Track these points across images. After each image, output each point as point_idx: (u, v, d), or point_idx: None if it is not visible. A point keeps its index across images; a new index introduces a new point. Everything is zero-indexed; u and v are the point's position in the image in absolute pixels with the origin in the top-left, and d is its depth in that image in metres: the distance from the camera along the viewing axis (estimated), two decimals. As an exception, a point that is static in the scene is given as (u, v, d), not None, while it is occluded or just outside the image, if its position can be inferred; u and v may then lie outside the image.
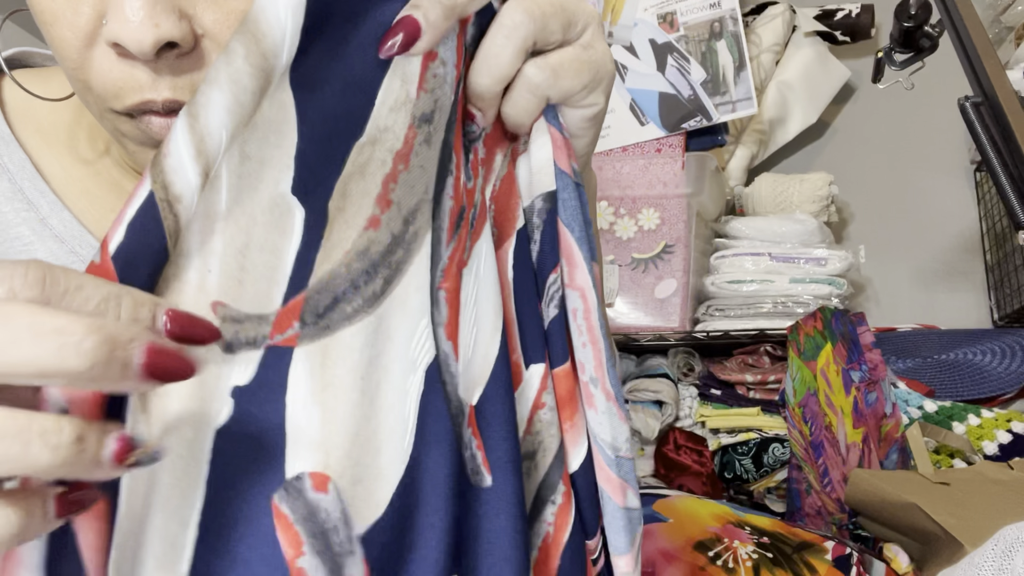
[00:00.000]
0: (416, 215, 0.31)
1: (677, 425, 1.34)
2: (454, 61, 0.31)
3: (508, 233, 0.36)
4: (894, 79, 1.05)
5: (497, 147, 0.36)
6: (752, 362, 1.35)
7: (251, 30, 0.26)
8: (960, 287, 1.49)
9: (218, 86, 0.26)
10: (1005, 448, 1.03)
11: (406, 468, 0.30)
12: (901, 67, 1.01)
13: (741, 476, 1.24)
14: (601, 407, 0.36)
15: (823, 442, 1.10)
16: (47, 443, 0.21)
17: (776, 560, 0.77)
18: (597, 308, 0.36)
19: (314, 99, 0.28)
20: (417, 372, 0.31)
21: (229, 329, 0.28)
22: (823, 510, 1.08)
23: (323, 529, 0.28)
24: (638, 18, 1.41)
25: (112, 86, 0.33)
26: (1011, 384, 1.14)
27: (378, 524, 0.30)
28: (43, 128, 0.46)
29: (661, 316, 1.34)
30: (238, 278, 0.28)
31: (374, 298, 0.30)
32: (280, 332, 0.29)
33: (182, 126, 0.26)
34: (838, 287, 1.31)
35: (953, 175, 1.56)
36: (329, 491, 0.28)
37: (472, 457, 0.33)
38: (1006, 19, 1.38)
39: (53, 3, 0.32)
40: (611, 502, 0.37)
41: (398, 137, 0.30)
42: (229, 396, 0.28)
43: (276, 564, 0.27)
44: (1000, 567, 0.54)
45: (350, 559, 0.29)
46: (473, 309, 0.34)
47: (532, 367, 0.36)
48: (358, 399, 0.30)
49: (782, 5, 1.57)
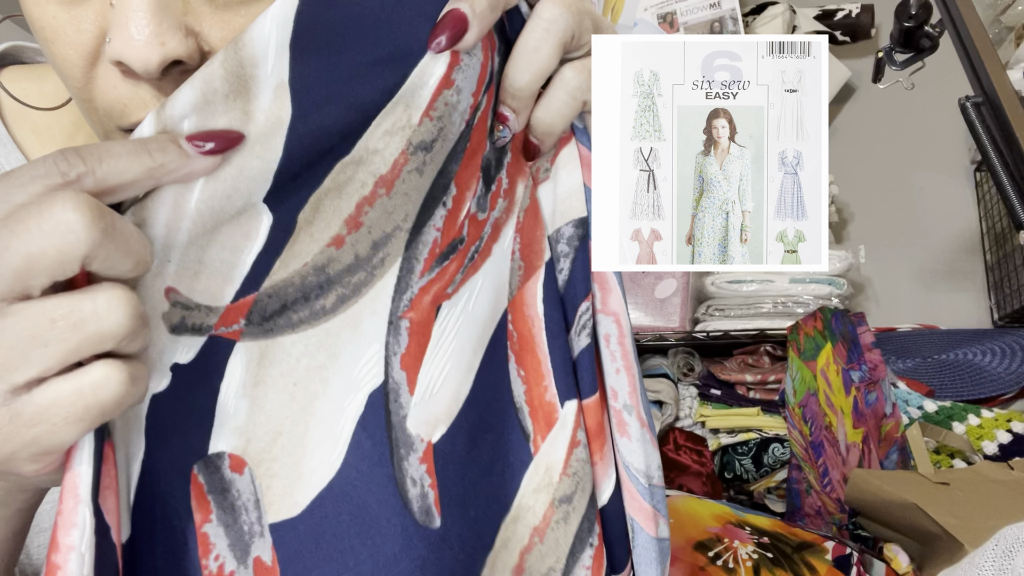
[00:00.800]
0: (388, 241, 0.31)
1: (677, 425, 1.34)
2: (472, 90, 0.31)
3: (536, 266, 0.36)
4: (894, 79, 1.05)
5: (519, 177, 0.35)
6: (752, 362, 1.35)
7: (235, 40, 0.27)
8: (960, 287, 1.49)
9: (191, 84, 0.27)
10: (1005, 448, 1.03)
11: (331, 481, 0.31)
12: (901, 67, 1.01)
13: (741, 476, 1.24)
14: (635, 435, 0.36)
15: (823, 442, 1.10)
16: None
17: (776, 560, 0.77)
18: (631, 333, 0.36)
19: (312, 117, 0.28)
20: (359, 393, 0.32)
21: (177, 314, 0.29)
22: (823, 510, 1.08)
23: (233, 505, 0.30)
24: (638, 18, 1.41)
25: (117, 104, 0.33)
26: (1011, 384, 1.14)
27: (292, 523, 0.31)
28: (39, 129, 0.45)
29: (661, 316, 1.34)
30: (195, 270, 0.29)
31: (322, 312, 0.31)
32: (225, 325, 0.30)
33: (151, 116, 0.27)
34: (838, 287, 1.31)
35: (953, 175, 1.56)
36: (244, 474, 0.30)
37: (423, 496, 0.32)
38: (1006, 19, 1.38)
39: (54, 21, 0.32)
40: (643, 533, 0.36)
41: (386, 161, 0.30)
42: (169, 370, 0.29)
43: (185, 526, 0.30)
44: (1001, 567, 0.54)
45: (259, 540, 0.30)
46: (451, 343, 0.33)
47: (567, 404, 0.35)
48: (287, 401, 0.31)
49: (782, 5, 1.57)
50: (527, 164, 0.36)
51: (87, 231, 0.23)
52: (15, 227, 0.23)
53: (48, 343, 0.23)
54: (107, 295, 0.24)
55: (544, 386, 0.35)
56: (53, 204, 0.23)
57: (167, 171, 0.26)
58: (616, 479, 0.37)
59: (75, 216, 0.23)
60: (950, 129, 1.54)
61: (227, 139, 0.27)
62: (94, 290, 0.24)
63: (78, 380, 0.24)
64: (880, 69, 1.07)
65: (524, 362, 0.36)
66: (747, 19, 1.56)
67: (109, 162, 0.24)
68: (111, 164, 0.25)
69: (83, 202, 0.23)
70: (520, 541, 0.35)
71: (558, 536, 0.35)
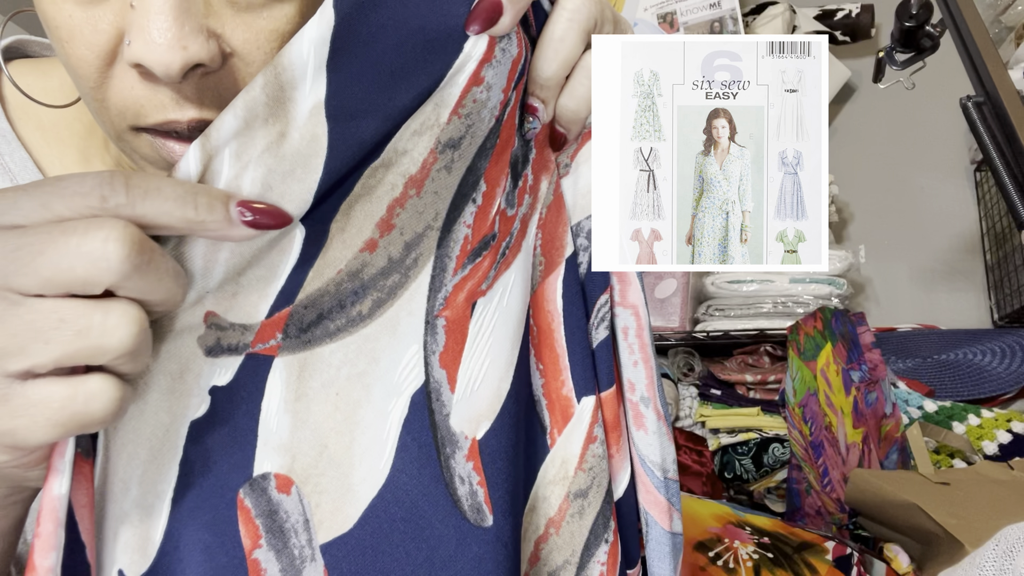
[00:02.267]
0: (420, 241, 0.31)
1: (677, 425, 1.34)
2: (502, 86, 0.31)
3: (556, 262, 0.36)
4: (895, 79, 1.05)
5: (543, 173, 0.36)
6: (752, 362, 1.35)
7: (274, 63, 0.27)
8: (960, 287, 1.49)
9: (232, 111, 0.27)
10: (1005, 448, 1.03)
11: (380, 489, 0.31)
12: (902, 67, 1.01)
13: (741, 476, 1.24)
14: (652, 427, 0.36)
15: (823, 442, 1.10)
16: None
17: (776, 560, 0.77)
18: (649, 326, 0.36)
19: (348, 129, 0.28)
20: (402, 396, 0.32)
21: (212, 335, 0.29)
22: (823, 510, 1.08)
23: (282, 527, 0.30)
24: (638, 18, 1.41)
25: (134, 104, 0.32)
26: (1011, 384, 1.14)
27: (344, 539, 0.30)
28: (44, 125, 0.45)
29: (661, 316, 1.34)
30: (232, 291, 0.29)
31: (359, 318, 0.31)
32: (262, 342, 0.30)
33: (196, 145, 0.27)
34: (838, 287, 1.31)
35: (953, 175, 1.56)
36: (291, 493, 0.30)
37: (472, 493, 0.32)
38: (1006, 19, 1.38)
39: (70, 20, 0.31)
40: (656, 527, 0.36)
41: (415, 161, 0.30)
42: (207, 393, 0.29)
43: (235, 553, 0.29)
44: (1001, 567, 0.54)
45: (311, 565, 0.30)
46: (489, 339, 0.33)
47: (584, 400, 0.35)
48: (330, 412, 0.31)
49: (782, 5, 1.57)
50: (551, 158, 0.36)
51: (120, 264, 0.23)
52: (58, 236, 0.23)
53: (49, 340, 0.23)
54: (120, 311, 0.24)
55: (561, 380, 0.35)
56: (100, 228, 0.23)
57: (205, 228, 0.26)
58: (631, 473, 0.37)
59: (113, 247, 0.23)
60: (950, 129, 1.54)
61: (276, 218, 0.27)
62: (109, 303, 0.24)
63: (73, 386, 0.24)
64: (880, 69, 1.07)
65: (542, 356, 0.36)
66: (747, 19, 1.56)
67: (153, 202, 0.25)
68: (153, 204, 0.25)
69: (127, 235, 0.23)
70: (536, 531, 0.35)
71: (573, 530, 0.35)
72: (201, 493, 0.29)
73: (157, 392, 0.28)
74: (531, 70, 0.33)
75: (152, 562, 0.28)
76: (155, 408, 0.28)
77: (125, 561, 0.28)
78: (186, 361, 0.29)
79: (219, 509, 0.29)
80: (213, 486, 0.29)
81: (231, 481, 0.29)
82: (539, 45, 0.32)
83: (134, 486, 0.28)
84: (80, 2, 0.30)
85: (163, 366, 0.28)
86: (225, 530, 0.29)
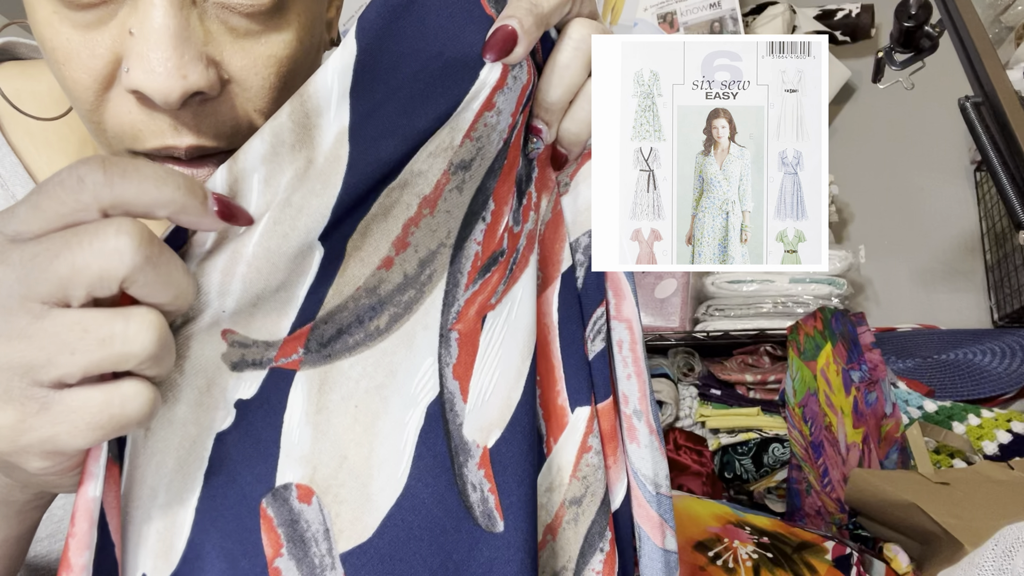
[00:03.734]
0: (434, 258, 0.33)
1: (677, 425, 1.34)
2: (511, 110, 0.32)
3: (552, 277, 0.37)
4: (894, 79, 1.05)
5: (544, 191, 0.36)
6: (752, 362, 1.35)
7: (300, 92, 0.28)
8: (960, 287, 1.49)
9: (260, 137, 0.28)
10: (1005, 448, 1.03)
11: (398, 498, 0.32)
12: (901, 67, 1.01)
13: (741, 476, 1.24)
14: (644, 441, 0.36)
15: (823, 442, 1.10)
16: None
17: (776, 560, 0.77)
18: (642, 340, 0.36)
19: (369, 151, 0.29)
20: (418, 407, 0.32)
21: (236, 352, 0.30)
22: (823, 510, 1.08)
23: (303, 537, 0.30)
24: (638, 18, 1.41)
25: (131, 129, 0.32)
26: (1011, 384, 1.14)
27: (363, 548, 0.31)
28: (34, 132, 0.44)
29: (661, 316, 1.34)
30: (250, 312, 0.30)
31: (377, 333, 0.32)
32: (285, 356, 0.31)
33: (224, 168, 0.28)
34: (838, 287, 1.31)
35: (953, 175, 1.56)
36: (312, 503, 0.31)
37: (483, 500, 0.33)
38: (1006, 19, 1.38)
39: (67, 43, 0.31)
40: (649, 542, 0.36)
41: (429, 183, 0.31)
42: (233, 407, 0.30)
43: (257, 561, 0.30)
44: (1000, 567, 0.54)
45: (331, 574, 0.30)
46: (498, 351, 0.34)
47: (578, 410, 0.36)
48: (349, 424, 0.32)
49: (782, 5, 1.57)
50: (551, 176, 0.37)
51: (132, 254, 0.24)
52: (70, 239, 0.24)
53: (75, 351, 0.24)
54: (140, 318, 0.25)
55: (556, 391, 0.36)
56: (110, 225, 0.24)
57: (184, 210, 0.26)
58: (628, 485, 0.37)
59: (125, 240, 0.24)
60: (950, 129, 1.54)
61: (242, 219, 0.28)
62: (129, 311, 0.25)
63: (109, 391, 0.25)
64: (880, 69, 1.07)
65: (539, 367, 0.36)
66: (747, 19, 1.56)
67: (131, 181, 0.25)
68: (132, 184, 0.25)
69: (134, 229, 0.24)
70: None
71: (569, 536, 0.35)
72: (225, 502, 0.30)
73: (185, 405, 0.29)
74: (537, 94, 0.34)
75: (175, 568, 0.29)
76: (183, 420, 0.29)
77: (149, 565, 0.29)
78: (213, 375, 0.29)
79: (242, 518, 0.30)
80: (237, 495, 0.30)
81: (254, 491, 0.30)
82: (545, 71, 0.33)
83: (161, 493, 0.29)
84: (78, 26, 0.30)
85: (191, 380, 0.29)
86: (248, 538, 0.30)
